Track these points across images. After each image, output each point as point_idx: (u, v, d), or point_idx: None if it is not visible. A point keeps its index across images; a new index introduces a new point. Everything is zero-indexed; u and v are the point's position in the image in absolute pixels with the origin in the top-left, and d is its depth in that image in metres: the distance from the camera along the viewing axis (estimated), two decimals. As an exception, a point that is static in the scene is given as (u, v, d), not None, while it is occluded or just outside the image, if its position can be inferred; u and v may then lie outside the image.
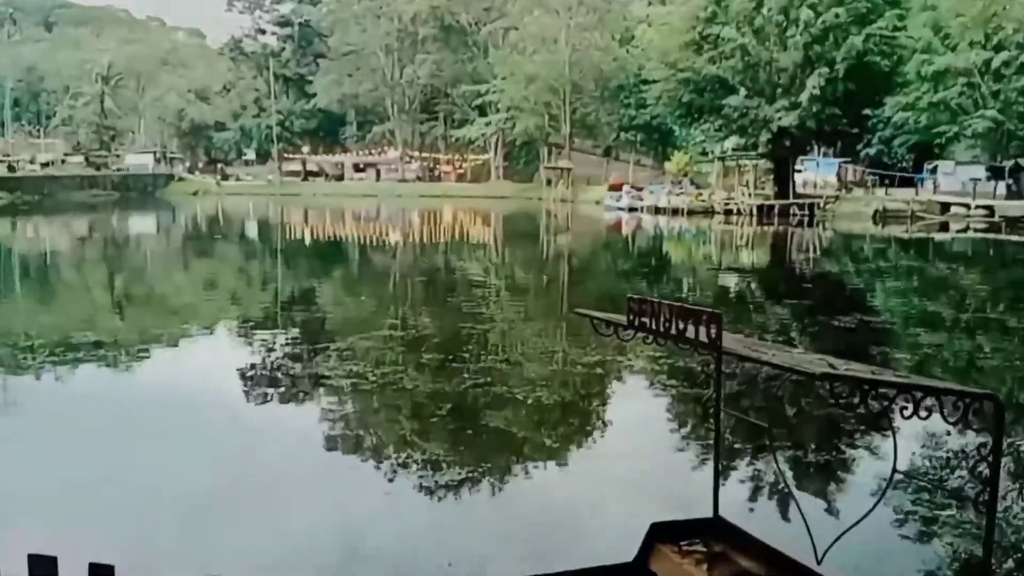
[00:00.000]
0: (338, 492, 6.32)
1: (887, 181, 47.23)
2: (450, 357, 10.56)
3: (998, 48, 39.46)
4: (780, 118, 43.68)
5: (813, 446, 7.17)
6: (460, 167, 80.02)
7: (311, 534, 5.53)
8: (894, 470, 3.28)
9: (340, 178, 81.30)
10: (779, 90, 45.10)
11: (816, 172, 49.75)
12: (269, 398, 9.10)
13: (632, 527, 4.01)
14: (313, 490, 6.34)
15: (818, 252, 30.00)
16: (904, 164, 50.70)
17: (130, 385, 9.79)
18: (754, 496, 6.22)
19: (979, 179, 40.61)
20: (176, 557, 5.06)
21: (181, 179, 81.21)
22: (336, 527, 5.71)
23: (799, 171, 48.65)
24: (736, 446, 7.05)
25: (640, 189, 54.06)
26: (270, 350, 11.58)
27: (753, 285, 20.61)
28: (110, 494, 6.19)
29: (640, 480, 6.69)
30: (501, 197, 65.64)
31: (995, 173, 41.22)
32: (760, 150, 47.46)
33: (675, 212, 46.52)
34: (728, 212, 45.41)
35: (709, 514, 3.73)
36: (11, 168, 68.44)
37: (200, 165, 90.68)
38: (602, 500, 6.23)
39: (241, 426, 8.04)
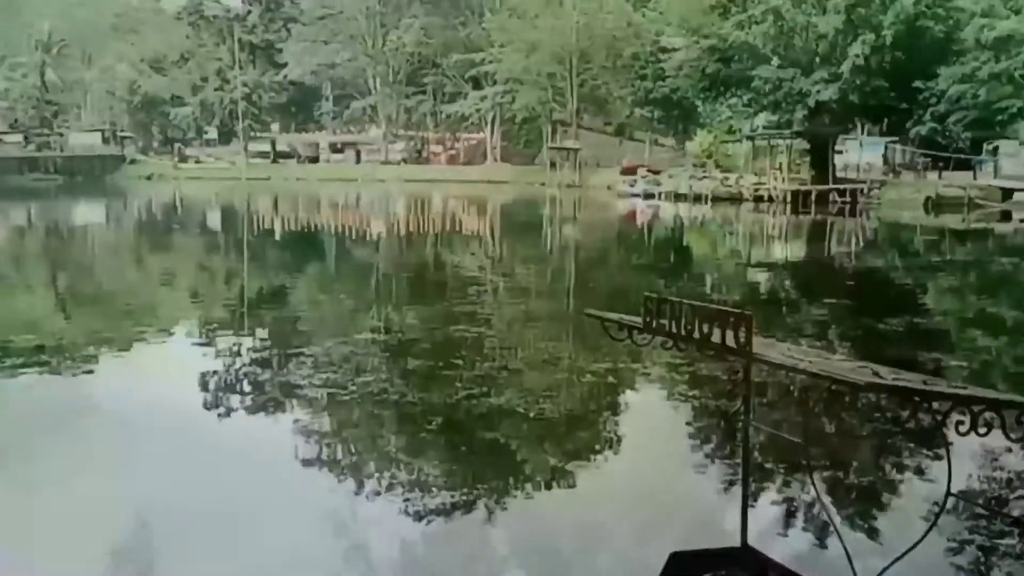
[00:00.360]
0: (312, 518, 6.32)
1: (941, 164, 47.26)
2: (441, 364, 10.58)
3: (1069, 11, 39.49)
4: (818, 91, 43.74)
5: (855, 466, 7.19)
6: (452, 148, 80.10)
7: (281, 569, 5.54)
8: (948, 493, 3.30)
9: (315, 160, 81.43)
10: (817, 59, 45.15)
11: (859, 153, 49.75)
12: (234, 410, 9.11)
13: (650, 557, 4.06)
14: (284, 515, 6.35)
15: (862, 245, 30.04)
16: (961, 144, 50.68)
17: (75, 395, 9.80)
18: (787, 522, 6.23)
19: (1047, 161, 40.66)
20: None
21: (133, 161, 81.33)
22: (311, 559, 5.72)
23: (840, 152, 48.68)
24: (767, 466, 7.07)
25: (658, 173, 54.18)
26: (235, 355, 11.60)
27: (787, 282, 20.67)
28: (51, 518, 6.20)
29: (658, 504, 6.70)
30: (499, 182, 65.70)
31: (1065, 154, 41.27)
32: (795, 128, 47.46)
33: (698, 199, 46.60)
34: (758, 199, 45.48)
35: (736, 543, 3.74)
36: (-61, 149, 68.62)
37: (155, 145, 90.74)
38: (615, 526, 6.24)
39: (201, 442, 8.06)
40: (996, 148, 45.16)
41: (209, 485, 6.89)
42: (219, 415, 9.02)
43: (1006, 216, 37.71)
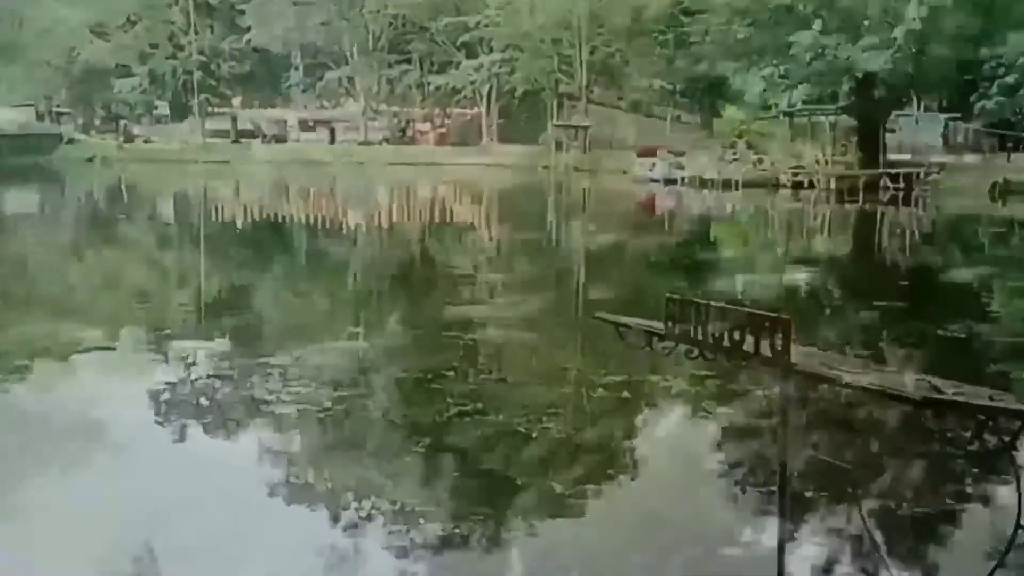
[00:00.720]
0: (282, 554, 6.34)
1: (1010, 144, 47.26)
2: (429, 376, 10.60)
3: None
4: (867, 61, 43.64)
5: (909, 494, 7.20)
6: (441, 125, 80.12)
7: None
8: (1018, 525, 3.31)
9: (282, 139, 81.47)
10: (866, 23, 45.08)
11: (915, 132, 49.75)
12: (190, 430, 9.13)
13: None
14: (248, 552, 6.36)
15: (917, 238, 30.09)
16: (1033, 122, 50.74)
17: (4, 412, 9.81)
18: (831, 560, 6.25)
19: None
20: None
21: (72, 141, 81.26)
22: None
23: (892, 131, 48.67)
24: (807, 494, 7.08)
25: (680, 155, 54.12)
26: (191, 367, 11.61)
27: (831, 282, 20.70)
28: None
29: (681, 539, 6.72)
30: (496, 165, 65.72)
31: None
32: (840, 103, 47.47)
33: (727, 185, 46.60)
34: (798, 185, 45.52)
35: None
36: None
37: (97, 123, 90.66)
38: (630, 565, 6.25)
39: (152, 467, 8.07)
40: (1074, 126, 45.33)
41: (160, 518, 6.91)
42: (172, 437, 9.04)
43: (1086, 205, 37.86)
